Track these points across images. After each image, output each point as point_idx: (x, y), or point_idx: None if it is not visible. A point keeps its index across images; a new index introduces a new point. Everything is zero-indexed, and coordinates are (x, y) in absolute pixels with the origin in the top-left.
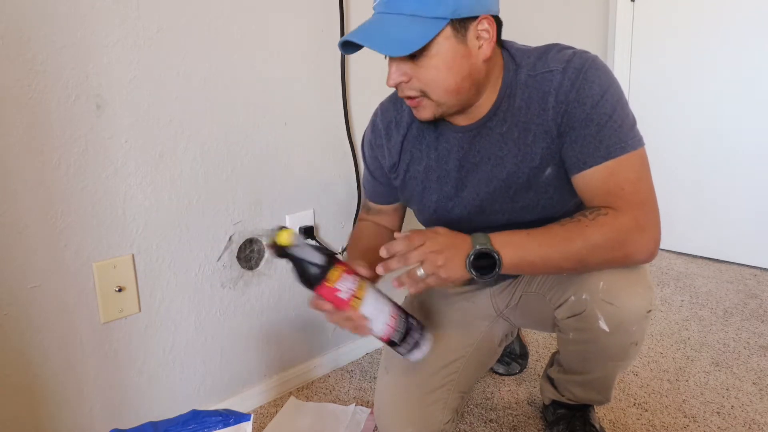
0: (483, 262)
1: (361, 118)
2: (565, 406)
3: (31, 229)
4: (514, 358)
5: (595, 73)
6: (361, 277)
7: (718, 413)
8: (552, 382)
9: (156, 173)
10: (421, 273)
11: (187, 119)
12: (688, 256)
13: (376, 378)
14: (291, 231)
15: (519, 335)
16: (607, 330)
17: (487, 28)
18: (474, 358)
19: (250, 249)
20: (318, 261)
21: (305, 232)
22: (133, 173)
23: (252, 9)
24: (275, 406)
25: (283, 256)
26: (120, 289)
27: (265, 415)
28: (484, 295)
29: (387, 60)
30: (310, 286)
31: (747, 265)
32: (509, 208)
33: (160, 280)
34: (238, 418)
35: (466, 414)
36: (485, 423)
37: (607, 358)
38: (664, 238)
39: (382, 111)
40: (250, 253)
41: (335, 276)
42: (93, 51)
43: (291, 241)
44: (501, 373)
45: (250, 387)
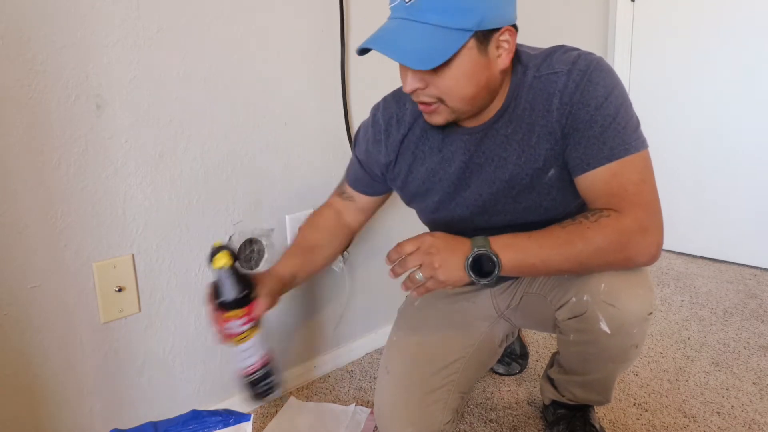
0: (482, 264)
1: (361, 119)
2: (565, 406)
3: (31, 229)
4: (514, 358)
5: (600, 74)
6: (256, 324)
7: (718, 413)
8: (552, 383)
9: (156, 173)
10: (420, 276)
11: (187, 119)
12: (689, 256)
13: (376, 378)
14: (227, 255)
15: (519, 335)
16: (608, 331)
17: (508, 39)
18: (474, 359)
19: (250, 249)
20: (231, 295)
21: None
22: (133, 173)
23: (252, 9)
24: (275, 406)
25: (213, 270)
26: (120, 289)
27: (265, 415)
28: (485, 295)
29: (397, 63)
30: (214, 306)
31: (747, 265)
32: (512, 208)
33: (160, 280)
34: (238, 418)
35: (466, 414)
36: (485, 423)
37: (607, 359)
38: (664, 238)
39: (385, 105)
40: (250, 253)
41: (236, 315)
42: (93, 51)
43: (221, 265)
44: (501, 373)
45: None
